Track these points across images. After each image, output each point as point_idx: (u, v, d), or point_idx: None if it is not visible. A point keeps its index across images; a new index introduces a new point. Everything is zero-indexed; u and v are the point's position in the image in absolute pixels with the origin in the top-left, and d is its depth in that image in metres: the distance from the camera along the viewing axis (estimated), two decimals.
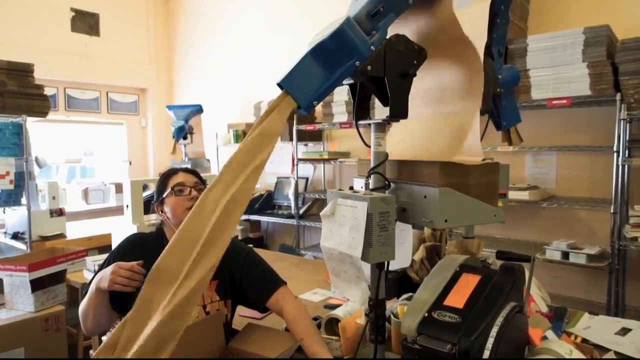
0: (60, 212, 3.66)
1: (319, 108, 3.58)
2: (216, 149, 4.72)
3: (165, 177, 1.56)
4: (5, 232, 3.65)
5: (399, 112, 1.09)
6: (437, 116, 1.25)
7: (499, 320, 0.99)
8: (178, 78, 5.89)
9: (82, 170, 5.63)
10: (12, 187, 3.12)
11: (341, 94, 3.43)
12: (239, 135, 4.43)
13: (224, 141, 4.59)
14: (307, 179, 4.21)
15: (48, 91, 3.52)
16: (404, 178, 1.17)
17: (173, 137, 4.44)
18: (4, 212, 3.59)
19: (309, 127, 3.73)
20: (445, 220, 1.06)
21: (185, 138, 4.46)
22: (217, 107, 5.14)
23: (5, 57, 3.37)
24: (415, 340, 1.03)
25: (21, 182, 3.25)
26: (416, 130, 1.30)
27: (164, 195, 1.52)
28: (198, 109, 4.57)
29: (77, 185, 5.12)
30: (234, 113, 4.96)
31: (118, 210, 4.24)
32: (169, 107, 4.60)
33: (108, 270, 1.29)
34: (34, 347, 2.67)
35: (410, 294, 1.49)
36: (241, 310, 1.65)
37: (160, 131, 5.84)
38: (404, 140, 1.31)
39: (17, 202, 3.31)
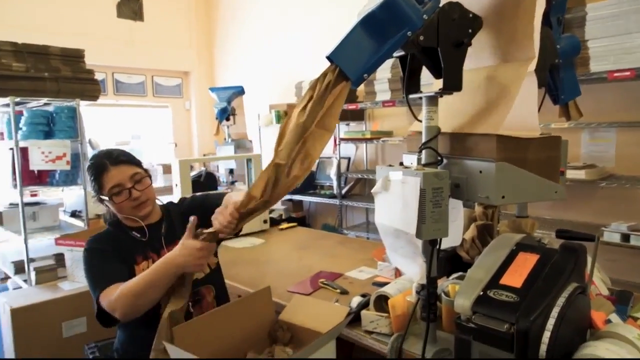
0: None
1: (361, 87, 3.52)
2: (258, 130, 4.76)
3: (96, 174, 1.39)
4: (64, 210, 3.87)
5: (453, 84, 1.04)
6: (485, 86, 1.19)
7: (560, 300, 0.95)
8: (219, 60, 5.95)
9: (131, 152, 5.84)
10: (69, 167, 3.28)
11: (384, 72, 3.35)
12: (281, 116, 4.44)
13: (266, 122, 4.62)
14: (349, 158, 4.18)
15: (97, 76, 3.64)
16: (457, 153, 1.13)
17: (216, 118, 4.51)
18: (63, 191, 3.79)
19: (351, 106, 3.68)
20: (503, 197, 1.01)
21: (227, 119, 4.52)
22: (258, 88, 5.17)
23: (57, 45, 3.51)
24: (469, 319, 1.00)
25: (77, 163, 3.40)
26: (462, 102, 1.25)
27: (103, 198, 1.39)
28: (240, 91, 4.61)
29: None
30: (275, 94, 4.97)
31: (165, 190, 4.38)
32: (212, 89, 4.66)
33: (184, 253, 1.20)
34: (93, 317, 2.83)
35: (460, 273, 1.46)
36: (289, 285, 1.68)
37: (204, 113, 5.96)
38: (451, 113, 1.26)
39: (74, 182, 3.49)
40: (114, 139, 5.46)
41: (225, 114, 4.50)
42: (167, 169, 5.02)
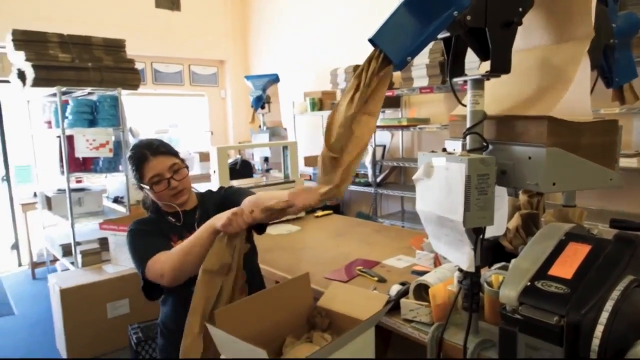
0: None
1: (397, 73, 3.45)
2: (293, 118, 4.77)
3: (138, 162, 1.45)
4: (107, 197, 4.02)
5: (501, 66, 1.00)
6: (536, 68, 1.13)
7: (615, 294, 0.90)
8: (254, 48, 5.98)
9: (168, 141, 5.99)
10: (111, 155, 3.39)
11: (422, 57, 3.27)
12: (315, 104, 4.43)
13: (300, 110, 4.62)
14: (384, 146, 4.13)
15: (137, 66, 3.73)
16: (503, 138, 1.09)
17: (251, 106, 4.54)
18: (106, 177, 3.93)
19: (387, 93, 3.62)
20: (553, 184, 0.97)
21: (263, 107, 4.54)
22: (293, 76, 5.17)
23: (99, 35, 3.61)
24: (516, 310, 0.97)
25: (119, 151, 3.52)
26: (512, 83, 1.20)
27: (143, 186, 1.45)
28: (275, 78, 4.62)
29: None
30: (310, 81, 4.95)
31: (202, 178, 4.48)
32: (247, 77, 4.69)
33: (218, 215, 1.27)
34: (136, 299, 2.95)
35: (503, 263, 1.42)
36: (326, 272, 1.68)
37: (239, 102, 6.02)
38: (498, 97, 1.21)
39: (116, 169, 3.61)
40: (153, 128, 5.61)
41: (260, 102, 4.53)
42: (203, 157, 5.11)
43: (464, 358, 1.10)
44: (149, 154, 1.44)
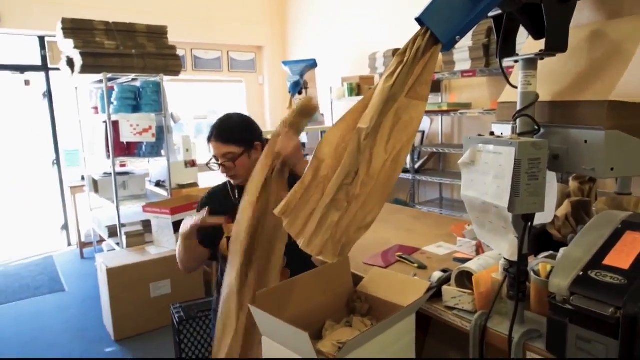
0: (193, 164, 4.02)
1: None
2: (330, 103, 4.74)
3: (209, 138, 1.60)
4: (150, 180, 4.15)
5: (558, 44, 0.94)
6: (590, 46, 1.07)
7: None
8: (292, 34, 5.96)
9: (206, 127, 6.11)
10: (154, 140, 3.49)
11: (464, 39, 3.14)
12: (353, 89, 4.38)
13: (338, 95, 4.58)
14: (423, 132, 4.05)
15: (178, 52, 3.80)
16: (556, 121, 1.04)
17: (289, 92, 4.53)
18: (149, 162, 4.06)
19: None
20: (612, 169, 0.92)
21: (300, 93, 4.52)
22: (330, 61, 5.12)
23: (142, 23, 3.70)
24: (567, 300, 0.93)
25: (161, 136, 3.61)
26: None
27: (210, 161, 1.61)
28: (312, 64, 4.57)
29: (204, 139, 5.58)
30: (348, 66, 4.90)
31: None
32: (285, 63, 4.67)
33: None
34: (177, 280, 3.05)
35: (550, 252, 1.36)
36: (365, 257, 1.67)
37: (276, 87, 6.04)
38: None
39: (158, 154, 3.71)
40: (192, 114, 5.72)
41: (298, 88, 4.50)
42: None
43: (509, 347, 1.07)
44: (212, 136, 1.57)
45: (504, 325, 1.13)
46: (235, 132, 1.58)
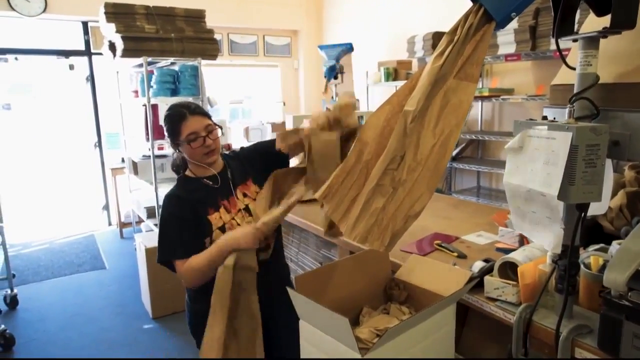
0: (228, 147, 4.07)
1: None
2: (366, 88, 4.67)
3: (175, 121, 1.50)
4: None
5: (626, 20, 0.87)
6: None
7: None
8: (328, 17, 5.88)
9: (241, 111, 6.16)
10: None
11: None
12: (390, 74, 4.30)
13: (374, 80, 4.51)
14: None
15: (215, 37, 3.81)
16: (618, 104, 0.97)
17: (325, 76, 4.50)
18: None
19: None
20: None
21: (336, 78, 4.49)
22: (367, 45, 5.03)
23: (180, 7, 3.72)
24: (623, 296, 0.88)
25: None
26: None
27: (179, 143, 1.51)
28: (348, 48, 4.52)
29: (239, 124, 5.62)
30: (385, 50, 4.80)
31: None
32: (321, 47, 4.64)
33: (237, 236, 1.39)
34: None
35: (601, 244, 1.29)
36: (402, 245, 1.64)
37: (311, 72, 6.00)
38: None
39: None
40: (228, 98, 5.76)
41: (333, 72, 4.47)
42: (275, 128, 5.19)
43: (555, 342, 1.02)
44: (187, 113, 1.50)
45: (550, 319, 1.08)
46: (204, 109, 1.59)
